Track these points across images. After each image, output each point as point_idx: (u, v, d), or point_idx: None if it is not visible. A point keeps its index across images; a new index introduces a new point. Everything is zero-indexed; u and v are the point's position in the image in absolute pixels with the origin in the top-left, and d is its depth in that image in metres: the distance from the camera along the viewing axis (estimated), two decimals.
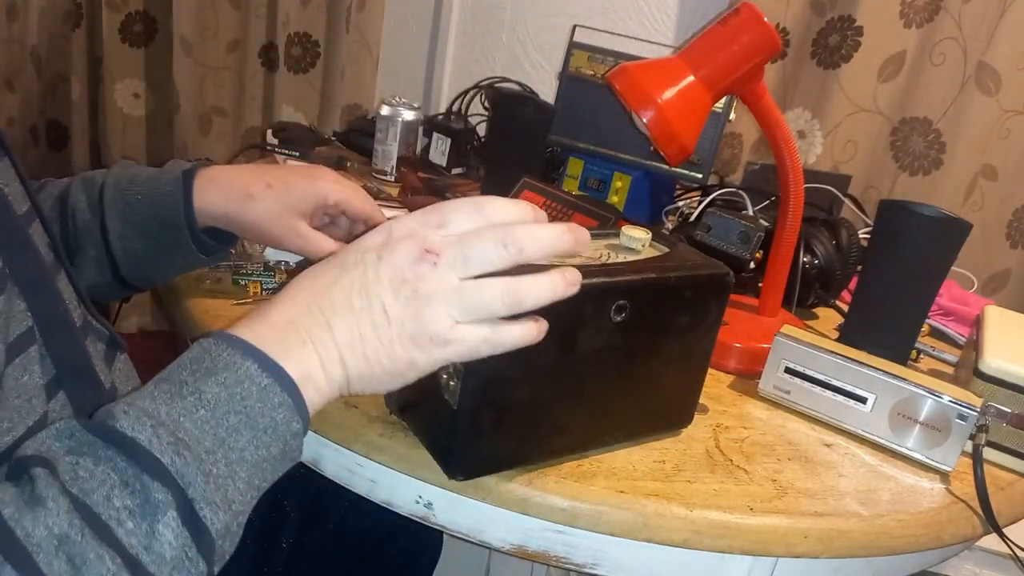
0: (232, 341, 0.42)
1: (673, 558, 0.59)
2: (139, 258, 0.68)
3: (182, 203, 0.66)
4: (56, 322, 0.48)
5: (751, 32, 0.72)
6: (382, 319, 0.44)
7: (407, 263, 0.44)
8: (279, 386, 0.41)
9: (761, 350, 0.75)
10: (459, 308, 0.44)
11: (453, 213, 0.45)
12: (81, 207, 0.67)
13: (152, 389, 0.41)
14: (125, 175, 0.68)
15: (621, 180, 1.17)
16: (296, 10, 1.82)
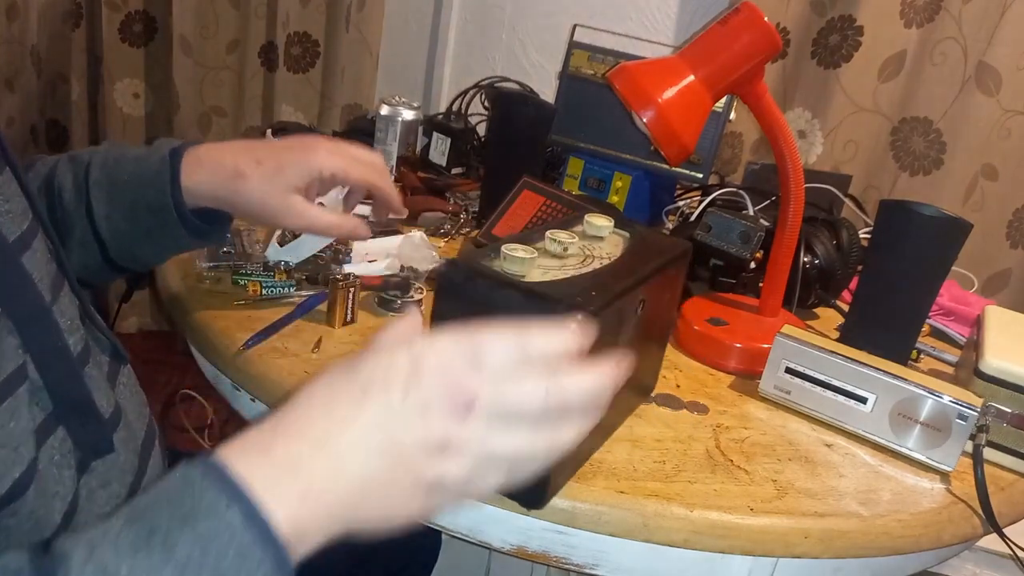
0: (220, 478, 0.35)
1: (673, 558, 0.59)
2: (127, 240, 0.66)
3: (169, 185, 0.63)
4: (53, 356, 0.46)
5: (751, 32, 0.72)
6: (401, 467, 0.39)
7: (437, 408, 0.38)
8: (261, 546, 0.35)
9: (761, 350, 0.75)
10: (485, 464, 0.40)
11: (492, 350, 0.40)
12: (67, 187, 0.65)
13: (120, 529, 0.34)
14: (112, 155, 0.66)
15: (621, 180, 1.17)
16: (296, 10, 1.82)
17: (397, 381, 0.39)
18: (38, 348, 0.45)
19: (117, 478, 0.52)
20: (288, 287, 0.77)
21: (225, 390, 0.72)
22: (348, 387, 0.40)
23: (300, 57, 1.87)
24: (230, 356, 0.67)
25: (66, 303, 0.51)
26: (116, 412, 0.54)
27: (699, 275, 0.94)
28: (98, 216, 0.64)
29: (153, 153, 0.65)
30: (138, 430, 0.57)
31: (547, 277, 0.52)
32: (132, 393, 0.58)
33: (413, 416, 0.38)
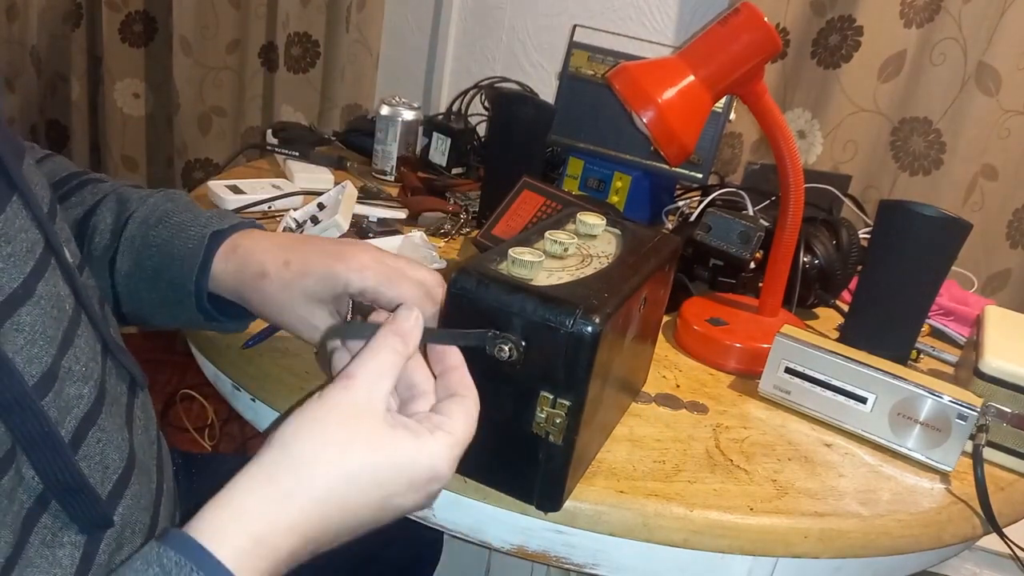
0: (198, 561, 0.37)
1: (673, 558, 0.59)
2: (143, 304, 0.62)
3: (196, 271, 0.59)
4: (41, 443, 0.42)
5: (751, 32, 0.72)
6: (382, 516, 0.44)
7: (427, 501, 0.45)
8: None
9: (761, 350, 0.75)
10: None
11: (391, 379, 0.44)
12: (102, 230, 0.61)
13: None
14: (157, 212, 0.62)
15: (621, 180, 1.17)
16: (296, 10, 1.82)
17: (402, 496, 0.43)
18: (22, 435, 0.41)
19: (128, 541, 0.49)
20: None
21: (225, 390, 0.72)
22: (359, 499, 0.42)
23: (300, 57, 1.87)
24: (230, 356, 0.67)
25: (83, 343, 0.47)
26: (130, 462, 0.50)
27: (699, 275, 0.94)
28: (119, 272, 0.61)
29: (197, 227, 0.60)
30: (151, 473, 0.54)
31: (554, 280, 0.52)
32: (145, 427, 0.55)
33: (396, 486, 0.42)
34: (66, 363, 0.45)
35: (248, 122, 1.93)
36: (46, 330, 0.44)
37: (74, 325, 0.47)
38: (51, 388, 0.44)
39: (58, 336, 0.45)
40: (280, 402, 0.63)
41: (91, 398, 0.47)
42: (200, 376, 0.76)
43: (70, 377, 0.46)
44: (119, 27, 1.84)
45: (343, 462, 0.41)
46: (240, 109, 1.91)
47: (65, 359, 0.45)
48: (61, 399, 0.44)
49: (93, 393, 0.47)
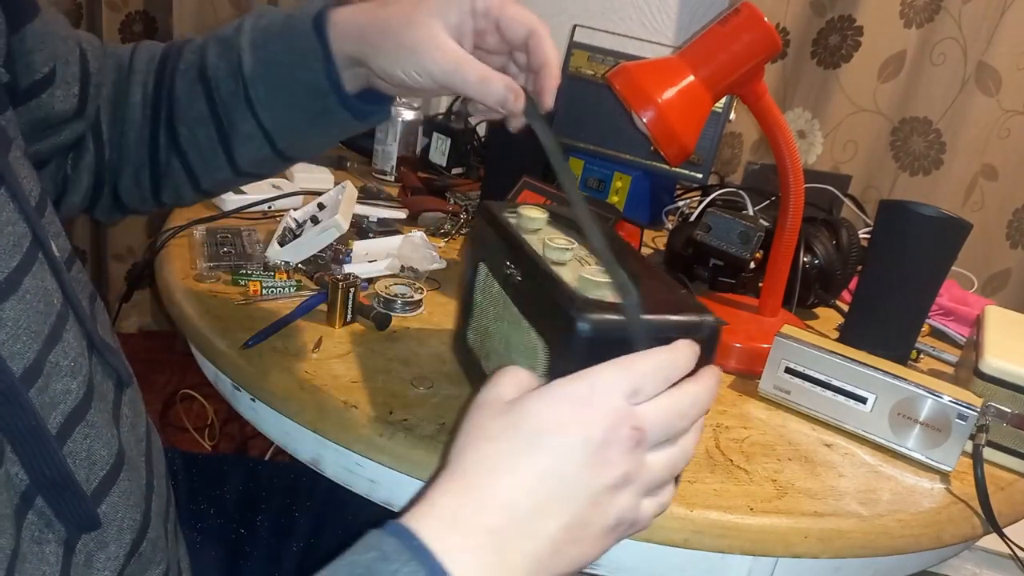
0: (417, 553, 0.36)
1: (673, 558, 0.59)
2: (292, 127, 0.61)
3: (322, 58, 0.56)
4: (28, 436, 0.42)
5: (751, 32, 0.72)
6: (591, 514, 0.40)
7: (615, 451, 0.40)
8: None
9: (761, 350, 0.75)
10: (647, 488, 0.43)
11: (646, 379, 0.42)
12: (222, 77, 0.60)
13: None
14: (259, 28, 0.60)
15: (621, 180, 1.17)
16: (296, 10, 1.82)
17: (571, 429, 0.39)
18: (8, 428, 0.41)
19: (115, 539, 0.48)
20: (288, 287, 0.77)
21: (225, 390, 0.72)
22: (521, 442, 0.40)
23: None
24: (230, 356, 0.67)
25: (71, 338, 0.47)
26: (118, 459, 0.50)
27: (699, 275, 0.94)
28: (258, 105, 0.60)
29: (300, 23, 0.58)
30: (140, 470, 0.53)
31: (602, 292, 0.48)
32: (133, 424, 0.54)
33: (593, 460, 0.39)
34: (53, 358, 0.45)
35: None
36: (31, 325, 0.43)
37: (62, 320, 0.46)
38: (35, 383, 0.43)
39: (44, 331, 0.44)
40: (280, 402, 0.63)
41: (79, 394, 0.47)
42: (200, 376, 0.76)
43: (57, 372, 0.45)
44: (119, 27, 1.84)
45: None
46: None
47: (52, 354, 0.45)
48: (46, 395, 0.44)
49: (82, 389, 0.47)
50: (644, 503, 0.43)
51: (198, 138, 0.63)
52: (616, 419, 0.40)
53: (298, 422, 0.62)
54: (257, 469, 0.83)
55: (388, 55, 0.55)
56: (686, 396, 0.42)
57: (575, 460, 0.39)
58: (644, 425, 0.40)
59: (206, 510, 0.77)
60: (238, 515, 0.77)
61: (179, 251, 0.82)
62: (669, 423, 0.42)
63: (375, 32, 0.55)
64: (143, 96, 0.64)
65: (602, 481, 0.40)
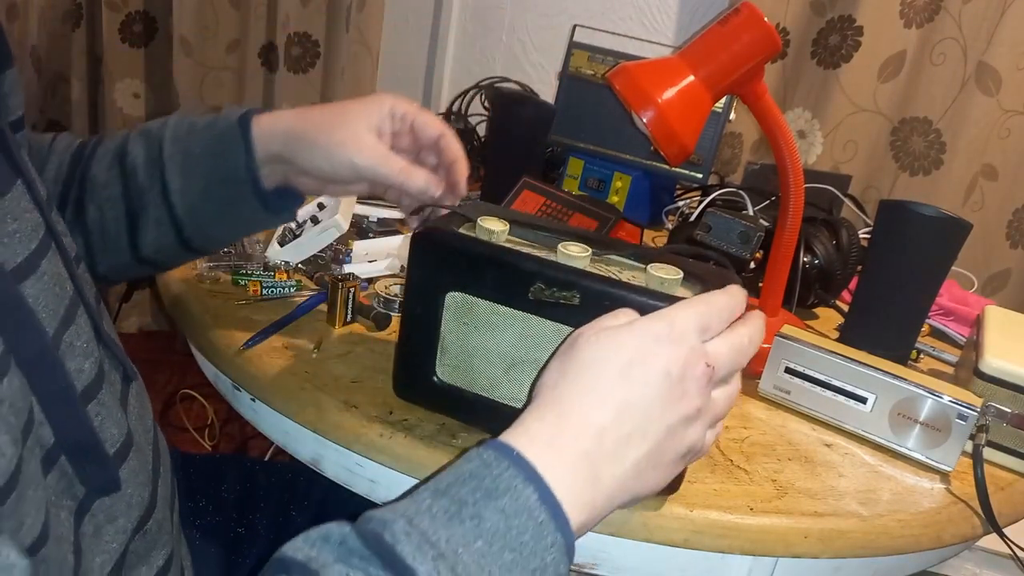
0: (516, 461, 0.39)
1: (673, 558, 0.59)
2: (202, 217, 0.63)
3: (243, 151, 0.60)
4: (58, 396, 0.44)
5: (751, 32, 0.72)
6: (668, 443, 0.44)
7: (692, 383, 0.44)
8: (555, 524, 0.39)
9: (761, 350, 0.75)
10: (712, 421, 0.47)
11: (713, 316, 0.46)
12: (140, 163, 0.62)
13: (431, 503, 0.38)
14: (183, 126, 0.64)
15: (621, 180, 1.17)
16: (296, 10, 1.82)
17: (654, 362, 0.43)
18: (41, 389, 0.43)
19: (124, 513, 0.50)
20: (288, 287, 0.77)
21: (225, 390, 0.72)
22: (611, 372, 0.43)
23: (300, 57, 1.87)
24: (230, 356, 0.67)
25: (83, 323, 0.49)
26: (127, 440, 0.51)
27: None
28: (172, 192, 0.62)
29: (223, 119, 0.63)
30: (147, 455, 0.55)
31: (671, 288, 0.53)
32: (140, 415, 0.56)
33: (673, 393, 0.43)
34: (67, 338, 0.47)
35: None
36: (48, 304, 0.46)
37: (74, 305, 0.49)
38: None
39: (60, 312, 0.47)
40: (280, 402, 0.63)
41: (92, 374, 0.49)
42: (200, 376, 0.76)
43: (71, 352, 0.47)
44: (119, 27, 1.84)
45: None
46: None
47: (67, 334, 0.47)
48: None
49: (94, 370, 0.49)
50: (708, 434, 0.47)
51: (105, 219, 0.64)
52: (692, 356, 0.44)
53: (298, 422, 0.62)
54: (256, 469, 0.83)
55: (317, 150, 0.60)
56: (744, 335, 0.47)
57: (658, 393, 0.43)
58: (715, 362, 0.45)
59: (205, 508, 0.77)
60: (237, 514, 0.77)
61: None
62: (733, 360, 0.46)
63: (306, 130, 0.61)
64: (56, 174, 0.65)
65: (680, 413, 0.43)
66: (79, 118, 1.92)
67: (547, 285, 0.52)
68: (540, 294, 0.53)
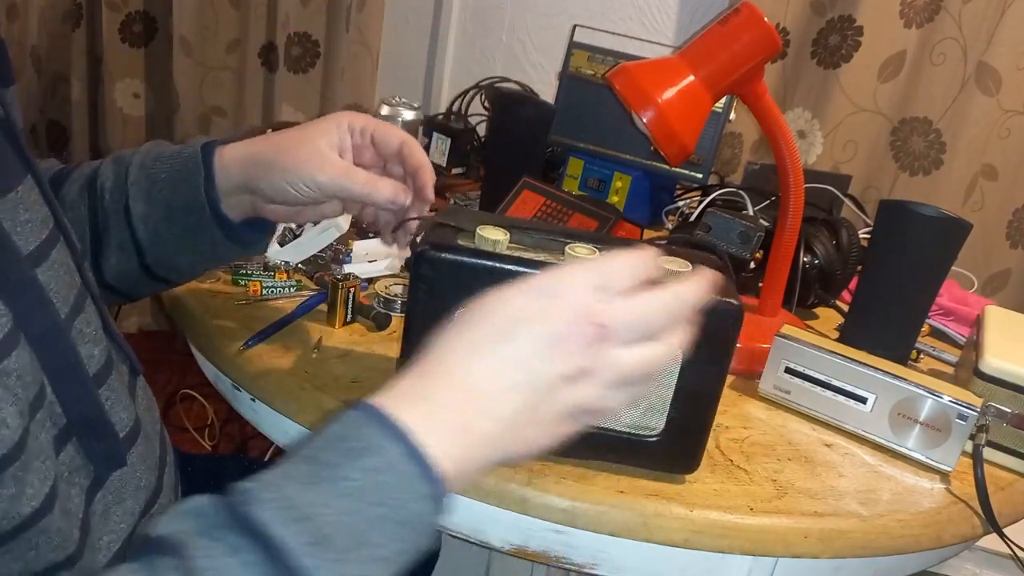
0: (381, 419, 0.39)
1: (673, 558, 0.59)
2: (164, 244, 0.63)
3: (203, 182, 0.60)
4: (68, 373, 0.46)
5: (751, 32, 0.72)
6: (545, 400, 0.42)
7: (573, 338, 0.41)
8: (424, 477, 0.38)
9: (761, 350, 0.75)
10: (619, 381, 0.44)
11: (613, 274, 0.43)
12: (108, 187, 0.63)
13: (294, 468, 0.38)
14: (152, 153, 0.64)
15: (621, 180, 1.17)
16: (296, 10, 1.82)
17: (529, 320, 0.42)
18: (52, 365, 0.45)
19: (132, 495, 0.52)
20: (288, 287, 0.77)
21: (225, 390, 0.72)
22: (487, 330, 0.42)
23: (300, 57, 1.87)
24: (230, 356, 0.67)
25: (91, 313, 0.51)
26: (136, 426, 0.53)
27: None
28: (135, 217, 0.62)
29: (188, 147, 0.63)
30: (154, 443, 0.57)
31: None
32: (148, 406, 0.58)
33: (553, 351, 0.41)
34: (78, 324, 0.49)
35: (248, 122, 1.93)
36: (60, 291, 0.48)
37: (82, 295, 0.51)
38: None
39: (70, 298, 0.49)
40: (280, 402, 0.63)
41: (101, 360, 0.50)
42: (200, 376, 0.76)
43: (81, 338, 0.49)
44: (119, 27, 1.84)
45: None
46: (240, 109, 1.91)
47: (77, 321, 0.49)
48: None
49: (103, 356, 0.51)
50: (612, 395, 0.44)
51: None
52: (578, 314, 0.42)
53: (298, 422, 0.62)
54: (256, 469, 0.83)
55: (279, 172, 0.60)
56: (662, 293, 0.43)
57: (536, 349, 0.41)
58: (608, 322, 0.42)
59: None
60: None
61: None
62: (639, 320, 0.43)
63: (267, 154, 0.60)
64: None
65: (558, 371, 0.42)
66: (79, 118, 1.92)
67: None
68: None
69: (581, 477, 0.57)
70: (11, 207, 0.46)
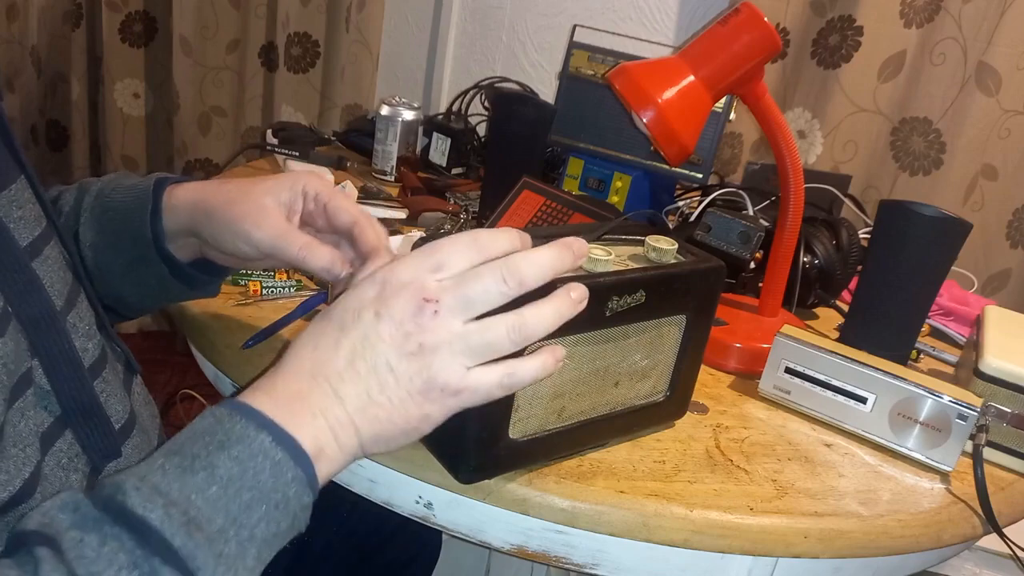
0: (245, 411, 0.41)
1: (673, 558, 0.59)
2: (111, 273, 0.62)
3: (149, 215, 0.59)
4: (61, 360, 0.46)
5: (751, 32, 0.72)
6: (390, 379, 0.43)
7: (407, 316, 0.43)
8: (292, 460, 0.40)
9: (761, 350, 0.75)
10: (467, 354, 0.43)
11: (448, 253, 0.44)
12: (67, 212, 0.63)
13: (163, 462, 0.39)
14: (113, 182, 0.63)
15: (621, 180, 1.17)
16: (296, 10, 1.82)
17: (367, 307, 0.44)
18: (45, 352, 0.45)
19: None
20: (288, 287, 0.77)
21: (225, 390, 0.72)
22: (327, 330, 0.44)
23: (300, 57, 1.87)
24: (230, 356, 0.67)
25: (84, 309, 0.52)
26: (131, 419, 0.53)
27: None
28: (84, 243, 0.62)
29: (145, 182, 0.61)
30: (152, 438, 0.57)
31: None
32: (145, 402, 0.58)
33: (387, 331, 0.43)
34: (71, 319, 0.49)
35: (248, 122, 1.93)
36: (54, 285, 0.48)
37: (76, 291, 0.51)
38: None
39: (64, 293, 0.49)
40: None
41: (95, 353, 0.51)
42: (200, 376, 0.76)
43: (76, 332, 0.50)
44: (119, 27, 1.85)
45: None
46: (240, 109, 1.91)
47: (71, 315, 0.50)
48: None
49: (97, 350, 0.51)
50: (476, 371, 0.44)
51: None
52: (410, 291, 0.43)
53: None
54: None
55: (220, 222, 0.57)
56: (497, 265, 0.44)
57: (370, 332, 0.43)
58: (440, 296, 0.43)
59: None
60: None
61: None
62: (475, 291, 0.43)
63: (211, 202, 0.58)
64: None
65: (396, 349, 0.43)
66: (79, 118, 1.92)
67: (619, 296, 0.54)
68: (616, 307, 0.54)
69: (581, 477, 0.57)
70: (5, 204, 0.47)
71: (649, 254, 0.58)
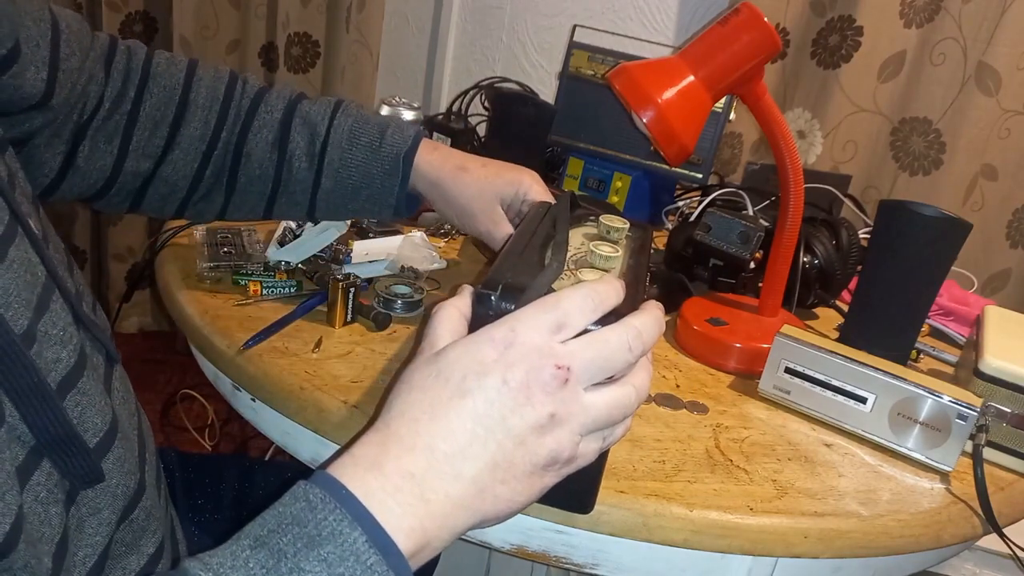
0: (341, 499, 0.37)
1: (673, 558, 0.59)
2: (336, 212, 0.74)
3: (397, 189, 0.71)
4: (30, 394, 0.42)
5: (751, 32, 0.72)
6: (517, 454, 0.40)
7: (538, 385, 0.40)
8: (386, 563, 0.36)
9: (761, 350, 0.75)
10: (586, 428, 0.42)
11: (568, 313, 0.41)
12: (299, 155, 0.71)
13: (248, 555, 0.36)
14: (345, 130, 0.71)
15: (621, 180, 1.17)
16: (296, 10, 1.82)
17: (490, 372, 0.40)
18: (11, 385, 0.41)
19: (109, 504, 0.48)
20: (288, 287, 0.77)
21: (225, 390, 0.72)
22: (443, 388, 0.40)
23: (300, 57, 1.87)
24: (230, 356, 0.67)
25: (58, 310, 0.47)
26: (112, 428, 0.50)
27: (699, 275, 0.94)
28: (322, 190, 0.72)
29: (388, 148, 0.71)
30: (132, 441, 0.53)
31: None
32: (124, 398, 0.55)
33: (516, 401, 0.39)
34: (42, 327, 0.45)
35: None
36: (20, 293, 0.43)
37: (48, 291, 0.46)
38: (31, 350, 0.43)
39: (33, 300, 0.44)
40: (280, 402, 0.63)
41: (70, 362, 0.47)
42: (200, 376, 0.76)
43: (48, 340, 0.45)
44: (119, 27, 1.84)
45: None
46: None
47: (41, 323, 0.45)
48: (40, 361, 0.44)
49: (72, 358, 0.47)
50: (585, 442, 0.42)
51: (252, 189, 0.73)
52: (538, 358, 0.40)
53: (298, 422, 0.62)
54: (256, 469, 0.83)
55: (451, 208, 0.73)
56: (623, 330, 0.42)
57: (496, 401, 0.39)
58: (571, 363, 0.40)
59: (204, 507, 0.77)
60: (237, 514, 0.77)
61: (179, 251, 0.82)
62: (603, 358, 0.41)
63: (450, 190, 0.72)
64: (202, 133, 0.70)
65: (526, 422, 0.40)
66: None
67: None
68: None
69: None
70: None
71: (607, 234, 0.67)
